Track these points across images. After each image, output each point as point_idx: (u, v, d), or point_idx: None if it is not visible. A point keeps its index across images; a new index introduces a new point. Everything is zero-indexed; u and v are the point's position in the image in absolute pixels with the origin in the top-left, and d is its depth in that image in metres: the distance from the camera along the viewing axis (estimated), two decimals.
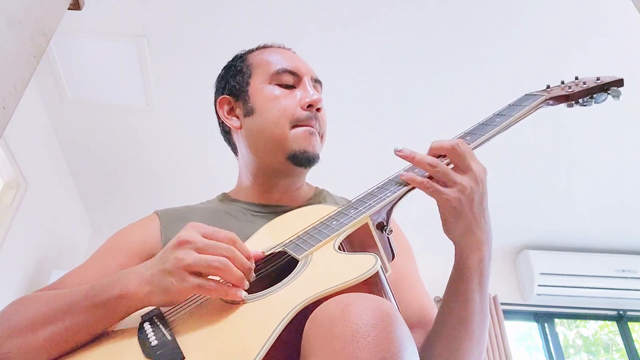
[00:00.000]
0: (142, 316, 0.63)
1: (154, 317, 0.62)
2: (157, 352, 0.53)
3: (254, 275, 0.60)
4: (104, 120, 2.57)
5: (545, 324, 3.35)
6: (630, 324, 3.37)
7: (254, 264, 0.61)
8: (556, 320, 3.39)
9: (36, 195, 2.51)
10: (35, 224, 2.60)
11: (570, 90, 0.81)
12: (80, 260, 0.86)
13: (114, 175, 2.92)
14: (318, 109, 0.87)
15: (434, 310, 0.81)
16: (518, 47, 2.17)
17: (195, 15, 2.06)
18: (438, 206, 0.67)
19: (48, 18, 0.91)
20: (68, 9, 1.01)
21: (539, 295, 3.22)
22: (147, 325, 0.60)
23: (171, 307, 0.64)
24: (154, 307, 0.64)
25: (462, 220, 0.66)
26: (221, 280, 0.59)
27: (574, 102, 0.82)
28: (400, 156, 0.70)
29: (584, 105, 0.82)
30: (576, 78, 0.84)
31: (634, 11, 1.01)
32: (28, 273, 2.58)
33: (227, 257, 0.58)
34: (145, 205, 3.27)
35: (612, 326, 3.45)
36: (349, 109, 2.40)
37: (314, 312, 0.49)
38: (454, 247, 0.70)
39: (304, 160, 0.83)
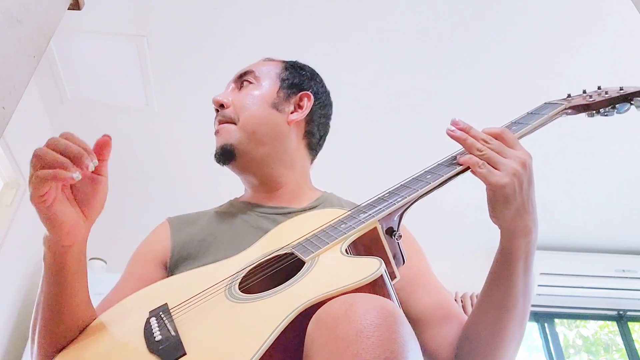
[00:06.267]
0: (149, 312, 0.64)
1: (160, 313, 0.63)
2: (160, 347, 0.54)
3: (90, 165, 0.61)
4: (104, 120, 2.57)
5: (545, 324, 3.35)
6: (630, 324, 3.37)
7: (91, 153, 0.63)
8: (556, 320, 3.39)
9: None
10: (35, 224, 2.58)
11: (591, 99, 0.80)
12: None
13: (114, 175, 2.90)
14: (222, 105, 0.93)
15: (454, 302, 0.83)
16: (524, 49, 2.17)
17: (195, 15, 2.06)
18: (487, 190, 0.67)
19: (48, 18, 0.91)
20: (68, 9, 1.01)
21: (539, 295, 3.22)
22: (153, 321, 0.61)
23: (178, 305, 0.65)
24: (162, 304, 0.65)
25: (511, 204, 0.66)
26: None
27: (594, 111, 0.81)
28: (456, 128, 0.71)
29: (605, 115, 0.81)
30: (599, 88, 0.82)
31: (635, 12, 1.01)
32: (28, 273, 2.57)
33: (49, 147, 0.60)
34: (145, 205, 3.28)
35: (612, 326, 3.45)
36: (353, 113, 2.40)
37: (317, 312, 0.50)
38: (500, 232, 0.70)
39: (217, 158, 0.91)
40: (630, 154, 2.70)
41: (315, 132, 0.98)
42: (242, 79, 0.97)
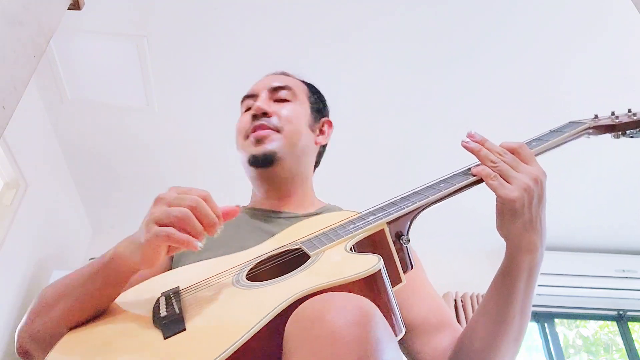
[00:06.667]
0: (162, 292, 0.68)
1: (170, 294, 0.67)
2: (163, 322, 0.59)
3: (218, 231, 0.63)
4: (104, 120, 2.57)
5: (545, 324, 3.35)
6: (630, 324, 3.38)
7: (222, 221, 0.64)
8: (556, 320, 3.40)
9: (36, 195, 2.51)
10: (35, 224, 2.60)
11: (618, 120, 0.81)
12: (80, 260, 0.89)
13: (114, 175, 2.92)
14: (265, 114, 0.96)
15: (448, 311, 0.84)
16: (524, 49, 2.17)
17: (196, 16, 2.06)
18: (497, 202, 0.68)
19: (48, 18, 0.91)
20: (68, 9, 1.01)
21: (539, 295, 3.22)
22: (162, 299, 0.66)
23: (188, 287, 0.69)
24: (175, 286, 0.70)
25: (518, 219, 0.66)
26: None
27: (620, 132, 0.82)
28: (472, 140, 0.72)
29: (631, 137, 0.82)
30: (629, 111, 0.83)
31: (636, 12, 1.01)
32: (28, 273, 2.57)
33: (191, 209, 0.61)
34: (145, 206, 3.28)
35: (612, 326, 3.45)
36: (353, 113, 2.40)
37: (295, 310, 0.50)
38: (505, 245, 0.70)
39: (255, 161, 0.94)
40: (630, 154, 2.71)
41: (323, 154, 1.09)
42: (277, 92, 1.01)
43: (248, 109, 1.00)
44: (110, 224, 3.26)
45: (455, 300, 3.15)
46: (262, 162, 0.94)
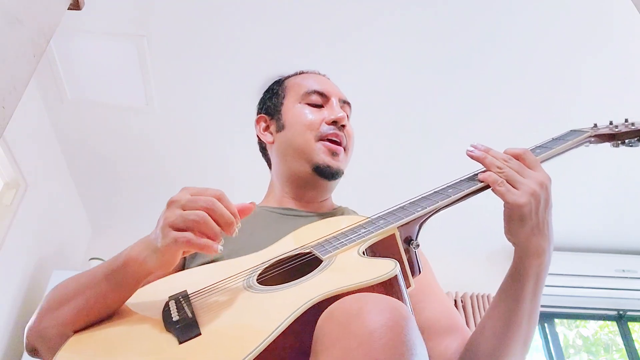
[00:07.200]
0: (169, 296, 0.67)
1: (180, 298, 0.66)
2: (177, 326, 0.57)
3: (236, 230, 0.62)
4: (104, 120, 2.57)
5: (545, 324, 3.35)
6: (630, 324, 3.38)
7: (239, 220, 0.63)
8: (556, 320, 3.40)
9: (36, 195, 2.51)
10: (35, 224, 2.60)
11: (617, 129, 0.83)
12: (80, 260, 0.88)
13: (114, 175, 2.92)
14: (343, 126, 0.96)
15: (458, 314, 0.85)
16: (526, 48, 2.17)
17: (196, 15, 2.06)
18: (504, 207, 0.69)
19: (48, 18, 0.91)
20: (68, 9, 1.01)
21: None
22: (172, 304, 0.64)
23: (197, 291, 0.67)
24: (182, 290, 0.68)
25: (526, 224, 0.67)
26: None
27: (619, 142, 0.84)
28: (475, 148, 0.73)
29: (630, 146, 0.84)
30: (626, 120, 0.85)
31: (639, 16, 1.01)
32: (28, 273, 2.57)
33: (207, 210, 0.60)
34: (145, 205, 3.27)
35: (612, 326, 3.45)
36: (352, 113, 2.40)
37: (330, 307, 0.50)
38: (514, 250, 0.71)
39: (328, 173, 0.93)
40: (631, 155, 2.71)
41: None
42: (344, 107, 1.02)
43: (317, 106, 0.99)
44: (110, 224, 3.26)
45: (455, 300, 3.15)
46: (329, 175, 0.94)
